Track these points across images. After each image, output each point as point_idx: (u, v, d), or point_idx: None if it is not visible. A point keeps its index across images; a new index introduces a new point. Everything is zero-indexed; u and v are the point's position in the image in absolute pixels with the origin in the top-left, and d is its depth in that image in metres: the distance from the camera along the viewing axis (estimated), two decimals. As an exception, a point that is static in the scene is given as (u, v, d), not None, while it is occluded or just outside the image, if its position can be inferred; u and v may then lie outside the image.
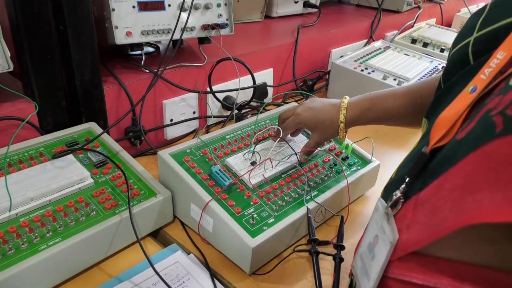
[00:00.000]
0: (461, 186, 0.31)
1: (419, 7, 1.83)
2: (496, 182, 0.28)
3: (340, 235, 0.70)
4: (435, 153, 0.38)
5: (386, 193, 0.45)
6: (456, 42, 0.45)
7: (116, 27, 0.84)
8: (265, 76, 1.19)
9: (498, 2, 0.41)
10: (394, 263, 0.38)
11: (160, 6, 0.89)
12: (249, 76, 1.04)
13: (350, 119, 0.72)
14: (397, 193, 0.40)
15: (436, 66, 1.34)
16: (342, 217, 0.74)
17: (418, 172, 0.39)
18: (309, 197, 0.72)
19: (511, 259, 0.31)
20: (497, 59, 0.35)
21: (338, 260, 0.65)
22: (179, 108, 1.00)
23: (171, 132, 1.01)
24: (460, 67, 0.43)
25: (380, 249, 0.40)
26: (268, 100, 1.19)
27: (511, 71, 0.33)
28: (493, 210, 0.27)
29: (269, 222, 0.66)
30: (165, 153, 0.74)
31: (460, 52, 0.43)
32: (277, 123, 0.89)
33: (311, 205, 0.71)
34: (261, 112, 0.91)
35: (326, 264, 0.68)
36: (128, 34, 0.86)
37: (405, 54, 1.40)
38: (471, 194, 0.29)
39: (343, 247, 0.68)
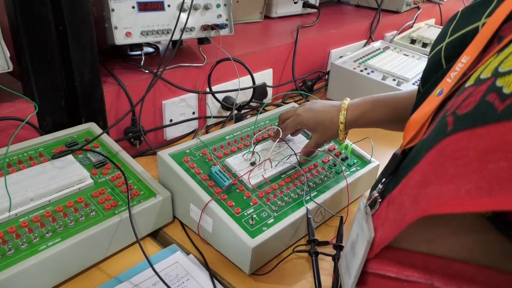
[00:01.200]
0: (418, 182, 0.33)
1: (418, 8, 1.83)
2: (442, 177, 0.30)
3: (339, 236, 0.70)
4: (407, 153, 0.40)
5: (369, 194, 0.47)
6: (433, 47, 0.47)
7: (116, 28, 0.84)
8: (265, 76, 1.19)
9: (468, 9, 0.44)
10: (372, 259, 0.39)
11: (159, 7, 0.89)
12: (249, 76, 1.04)
13: (350, 120, 0.72)
14: (374, 193, 0.42)
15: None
16: (341, 217, 0.74)
17: (390, 172, 0.41)
18: (308, 197, 0.72)
19: (474, 250, 0.33)
20: (462, 63, 0.37)
21: (338, 261, 0.65)
22: (178, 108, 1.00)
23: (170, 133, 1.01)
24: (435, 71, 0.45)
25: (359, 247, 0.42)
26: (267, 100, 1.20)
27: (469, 75, 0.34)
28: (437, 202, 0.29)
29: (268, 222, 0.66)
30: (164, 154, 0.74)
31: (435, 57, 0.45)
32: (276, 123, 0.90)
33: (311, 205, 0.71)
34: (260, 113, 0.91)
35: (326, 265, 0.68)
36: (128, 34, 0.86)
37: (404, 55, 1.41)
38: (424, 188, 0.31)
39: (342, 248, 0.68)
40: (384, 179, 0.42)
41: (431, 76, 0.45)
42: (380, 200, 0.41)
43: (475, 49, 0.37)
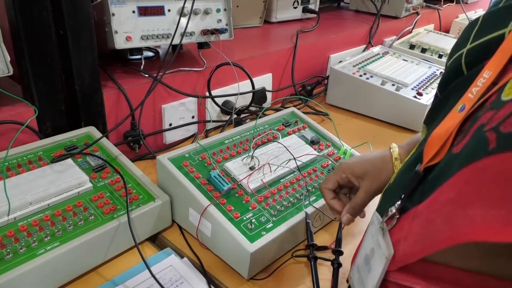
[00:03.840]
0: (453, 200, 0.31)
1: (417, 13, 1.84)
2: (487, 199, 0.28)
3: (338, 240, 0.70)
4: (429, 170, 0.39)
5: (382, 204, 0.46)
6: (452, 53, 0.46)
7: (116, 32, 0.85)
8: (264, 81, 1.20)
9: (491, 15, 0.42)
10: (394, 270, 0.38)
11: (159, 11, 0.89)
12: (248, 81, 1.04)
13: (404, 154, 0.62)
14: (393, 210, 0.40)
15: (434, 72, 1.35)
16: (340, 222, 0.74)
17: (411, 190, 0.39)
18: (307, 202, 0.72)
19: (509, 269, 0.32)
20: (484, 78, 0.36)
21: (337, 266, 0.65)
22: (178, 112, 1.00)
23: (170, 137, 1.01)
24: (454, 77, 0.44)
25: (376, 263, 0.41)
26: (267, 105, 1.20)
27: (502, 83, 0.33)
28: (486, 227, 0.27)
29: (267, 227, 0.66)
30: (164, 158, 0.74)
31: (454, 63, 0.44)
32: (276, 128, 0.90)
33: (310, 210, 0.71)
34: (260, 117, 0.92)
35: (325, 269, 0.68)
36: (128, 38, 0.86)
37: (404, 60, 1.41)
38: (463, 209, 0.29)
39: (341, 252, 0.68)
40: (403, 196, 0.40)
41: (450, 82, 0.44)
42: (397, 216, 0.40)
43: (498, 63, 0.35)
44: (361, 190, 0.62)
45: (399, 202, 0.40)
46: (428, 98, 1.16)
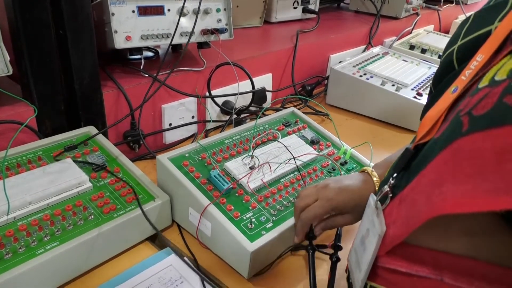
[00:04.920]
0: (433, 180, 0.34)
1: (417, 14, 1.84)
2: (459, 176, 0.30)
3: (337, 236, 0.70)
4: (419, 150, 0.41)
5: (379, 190, 0.47)
6: (445, 49, 0.48)
7: (116, 32, 0.84)
8: (264, 81, 1.19)
9: (480, 13, 0.45)
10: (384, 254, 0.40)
11: (159, 11, 0.89)
12: (248, 81, 1.04)
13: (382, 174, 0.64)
14: (385, 188, 0.42)
15: (434, 72, 1.35)
16: None
17: (402, 167, 0.42)
18: (307, 201, 0.72)
19: (486, 249, 0.34)
20: (476, 61, 0.38)
21: (335, 260, 0.65)
22: (178, 112, 1.00)
23: (170, 137, 1.01)
24: (446, 73, 0.46)
25: (370, 242, 0.42)
26: (267, 105, 1.20)
27: (484, 72, 0.35)
28: (454, 202, 0.30)
29: (267, 226, 0.66)
30: (163, 157, 0.73)
31: (447, 59, 0.46)
32: (276, 128, 0.90)
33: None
34: (260, 117, 0.91)
35: (324, 266, 0.68)
36: (128, 38, 0.86)
37: (403, 60, 1.41)
38: (439, 187, 0.32)
39: (340, 247, 0.67)
40: (395, 174, 0.42)
41: (443, 78, 0.46)
42: (391, 195, 0.41)
43: (489, 48, 0.37)
44: (344, 219, 0.64)
45: (391, 180, 0.42)
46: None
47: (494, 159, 0.27)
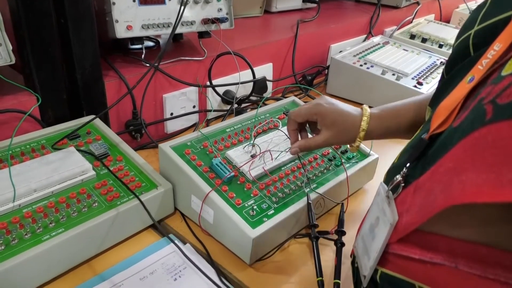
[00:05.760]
0: (451, 169, 0.33)
1: (418, 3, 1.83)
2: (480, 165, 0.29)
3: (340, 222, 0.71)
4: (434, 139, 0.40)
5: (388, 178, 0.47)
6: (459, 34, 0.46)
7: (117, 21, 0.85)
8: (265, 70, 1.20)
9: None
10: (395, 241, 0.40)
11: (160, 0, 0.89)
12: (249, 70, 1.04)
13: (370, 130, 0.65)
14: (398, 177, 0.42)
15: (435, 62, 1.35)
16: (342, 204, 0.75)
17: (417, 157, 0.41)
18: (308, 189, 0.73)
19: (502, 237, 0.33)
20: (494, 50, 0.37)
21: (340, 245, 0.66)
22: (179, 102, 1.00)
23: (171, 126, 1.02)
24: (461, 59, 0.44)
25: (380, 230, 0.42)
26: (267, 94, 1.20)
27: (503, 61, 0.35)
28: (475, 190, 0.29)
29: (269, 213, 0.67)
30: (166, 146, 0.74)
31: (462, 44, 0.45)
32: (277, 116, 0.90)
33: (311, 196, 0.72)
34: (260, 106, 0.92)
35: (327, 251, 0.69)
36: (129, 28, 0.86)
37: (404, 50, 1.41)
38: (458, 176, 0.31)
39: (344, 233, 0.68)
40: (408, 164, 0.42)
41: (456, 63, 0.45)
42: (403, 184, 0.41)
43: (508, 36, 0.36)
44: (321, 136, 0.66)
45: (404, 170, 0.41)
46: (428, 88, 1.16)
47: None
